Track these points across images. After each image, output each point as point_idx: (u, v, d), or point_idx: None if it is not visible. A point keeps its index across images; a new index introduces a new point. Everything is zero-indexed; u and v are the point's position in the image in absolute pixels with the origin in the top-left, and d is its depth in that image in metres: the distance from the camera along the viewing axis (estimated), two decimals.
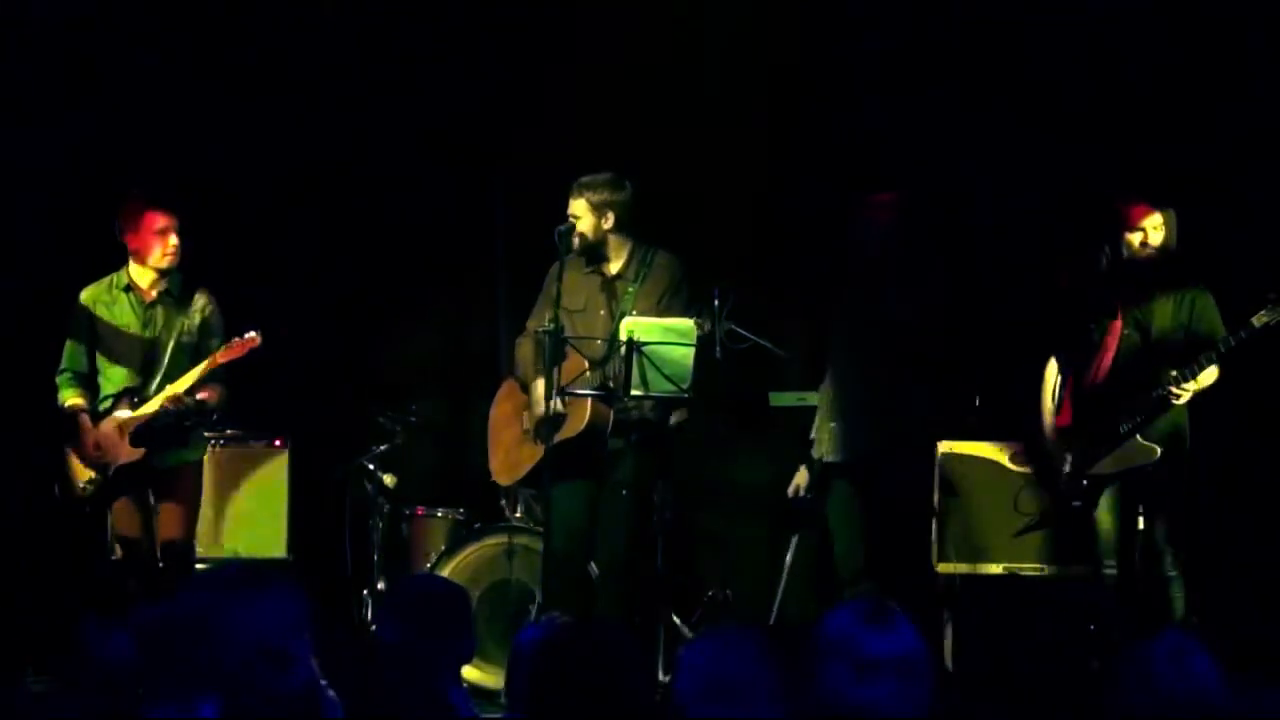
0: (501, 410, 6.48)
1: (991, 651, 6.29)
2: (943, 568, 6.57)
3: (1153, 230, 5.84)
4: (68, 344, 6.34)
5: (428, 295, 7.79)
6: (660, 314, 6.06)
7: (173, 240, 6.23)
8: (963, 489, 6.62)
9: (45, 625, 6.16)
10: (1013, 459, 6.61)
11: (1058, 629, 6.26)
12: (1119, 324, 5.92)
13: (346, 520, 7.18)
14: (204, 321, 6.32)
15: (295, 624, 3.15)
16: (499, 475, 6.50)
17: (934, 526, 6.58)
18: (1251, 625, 6.07)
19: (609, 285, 6.26)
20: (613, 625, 2.99)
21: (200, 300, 6.34)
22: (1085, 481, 5.92)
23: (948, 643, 6.46)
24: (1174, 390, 5.69)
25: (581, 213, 6.19)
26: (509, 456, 6.40)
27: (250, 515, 7.08)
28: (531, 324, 6.37)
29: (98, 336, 6.31)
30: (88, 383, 6.32)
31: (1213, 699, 3.16)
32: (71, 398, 6.29)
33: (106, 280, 6.35)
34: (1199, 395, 5.75)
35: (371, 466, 7.14)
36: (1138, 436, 5.80)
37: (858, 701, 2.71)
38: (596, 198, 6.19)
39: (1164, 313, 5.87)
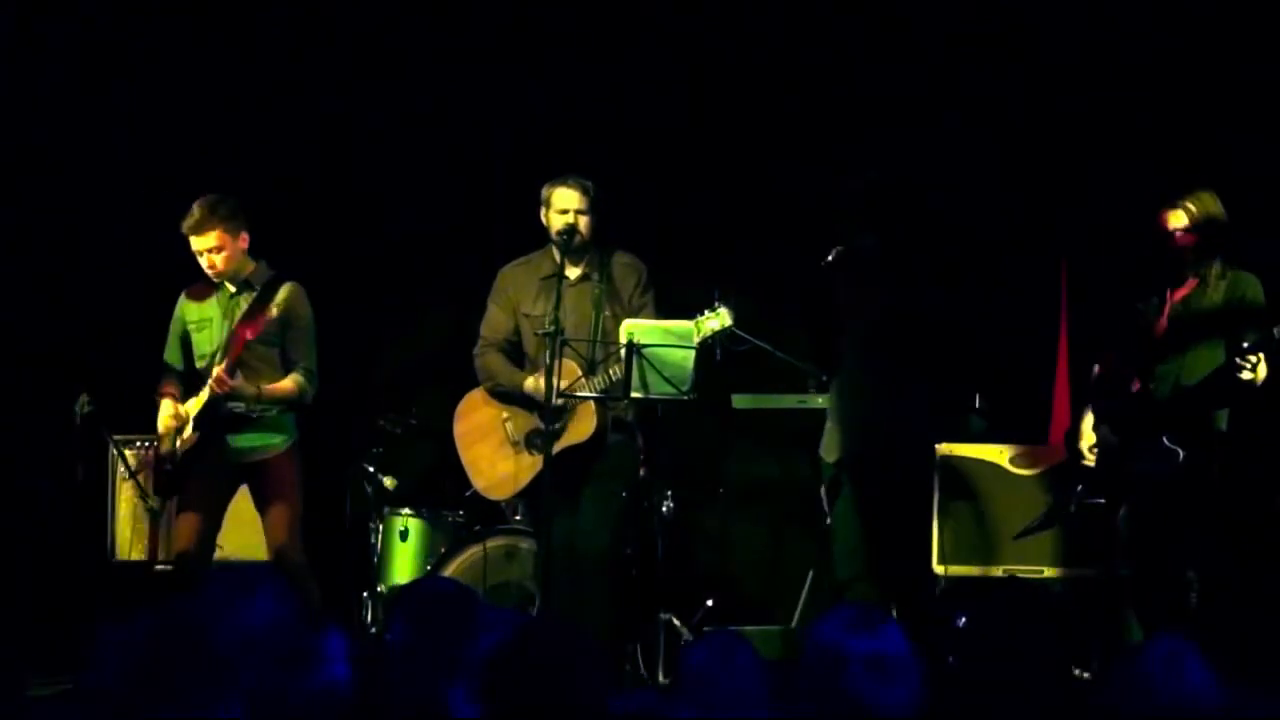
0: (470, 424, 6.34)
1: (991, 654, 6.27)
2: (942, 569, 6.56)
3: (1179, 228, 5.80)
4: (168, 340, 6.43)
5: (427, 297, 7.80)
6: (631, 314, 6.03)
7: (207, 260, 6.23)
8: (963, 491, 6.61)
9: (48, 630, 6.18)
10: (1013, 461, 6.61)
11: (1058, 631, 6.24)
12: (1164, 317, 5.88)
13: (346, 522, 7.19)
14: (283, 314, 6.20)
15: (297, 623, 3.15)
16: (492, 490, 6.36)
17: (934, 528, 6.58)
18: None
19: (576, 287, 6.17)
20: (565, 625, 3.02)
21: (283, 293, 6.20)
22: (1112, 481, 5.88)
23: (946, 644, 6.44)
24: (1241, 362, 5.52)
25: (586, 208, 6.14)
26: (495, 469, 6.28)
27: (249, 517, 7.06)
28: (488, 333, 6.31)
29: (190, 332, 6.38)
30: (182, 377, 6.38)
31: (1207, 704, 3.16)
32: (165, 386, 6.37)
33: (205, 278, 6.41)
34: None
35: (372, 468, 7.15)
36: (1165, 440, 5.75)
37: (847, 705, 2.72)
38: (594, 195, 6.16)
39: (1211, 300, 5.79)
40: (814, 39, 7.41)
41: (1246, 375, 5.53)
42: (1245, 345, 5.53)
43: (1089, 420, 5.94)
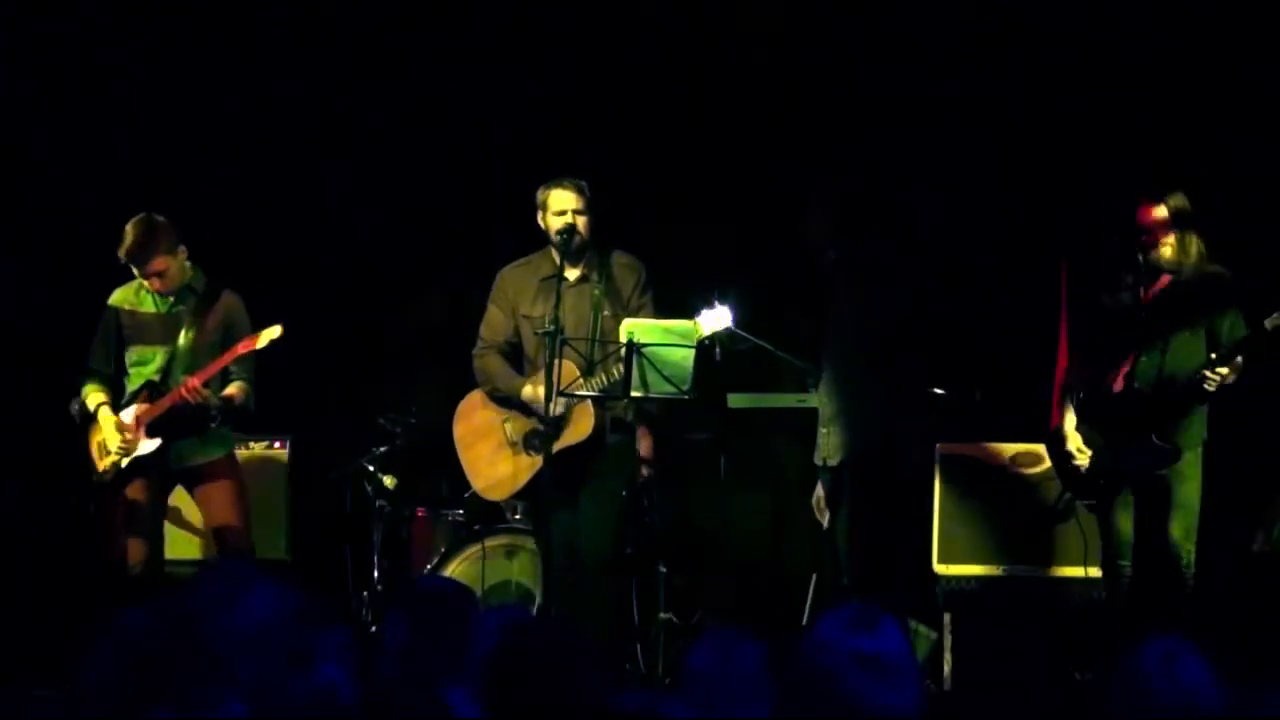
0: (469, 425, 6.31)
1: (990, 653, 6.29)
2: (942, 569, 6.57)
3: (1160, 220, 5.79)
4: (95, 344, 6.40)
5: (428, 296, 7.80)
6: (630, 314, 6.03)
7: (153, 283, 6.25)
8: (963, 489, 6.61)
9: (48, 630, 6.19)
10: (1013, 460, 6.61)
11: (1056, 631, 6.26)
12: (1143, 313, 5.87)
13: (347, 522, 7.19)
14: (227, 320, 6.31)
15: (297, 620, 3.14)
16: (490, 491, 6.32)
17: (934, 528, 6.58)
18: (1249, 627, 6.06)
19: (575, 288, 6.15)
20: (565, 625, 3.05)
21: (226, 300, 6.35)
22: (1102, 481, 5.88)
23: (946, 644, 6.45)
24: (1207, 374, 5.56)
25: (584, 208, 6.13)
26: (494, 470, 6.26)
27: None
28: (487, 335, 6.29)
29: (125, 336, 6.35)
30: (111, 382, 6.35)
31: (1205, 703, 3.16)
32: (94, 393, 6.32)
33: (136, 282, 6.37)
34: (1222, 390, 5.64)
35: (372, 468, 7.16)
36: (1154, 437, 5.75)
37: (846, 705, 2.72)
38: (589, 194, 6.15)
39: (1186, 298, 5.77)
40: (814, 39, 7.40)
41: (1232, 379, 5.56)
42: (1228, 347, 5.56)
43: (1071, 421, 5.94)
